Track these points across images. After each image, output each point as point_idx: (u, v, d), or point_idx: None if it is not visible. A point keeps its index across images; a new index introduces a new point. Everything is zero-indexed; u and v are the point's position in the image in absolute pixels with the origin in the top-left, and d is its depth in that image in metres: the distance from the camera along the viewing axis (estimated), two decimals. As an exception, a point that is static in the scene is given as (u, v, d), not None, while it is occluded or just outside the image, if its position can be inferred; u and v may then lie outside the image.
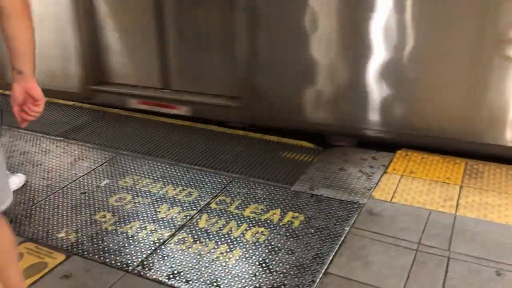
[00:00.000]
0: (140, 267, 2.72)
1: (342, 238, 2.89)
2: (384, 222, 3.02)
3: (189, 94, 4.74)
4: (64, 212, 3.28)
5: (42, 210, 3.32)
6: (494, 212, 3.07)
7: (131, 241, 2.95)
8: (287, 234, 2.95)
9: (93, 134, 4.51)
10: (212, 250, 2.84)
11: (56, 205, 3.36)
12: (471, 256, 2.70)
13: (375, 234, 2.91)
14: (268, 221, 3.08)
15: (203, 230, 3.02)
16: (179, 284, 2.57)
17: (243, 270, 2.66)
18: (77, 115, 4.99)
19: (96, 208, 3.31)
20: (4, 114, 3.49)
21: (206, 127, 4.61)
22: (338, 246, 2.83)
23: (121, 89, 5.05)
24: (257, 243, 2.88)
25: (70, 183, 3.65)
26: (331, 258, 2.73)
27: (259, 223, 3.07)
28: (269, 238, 2.92)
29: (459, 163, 3.67)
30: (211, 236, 2.96)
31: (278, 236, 2.94)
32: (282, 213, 3.17)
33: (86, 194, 3.49)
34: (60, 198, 3.45)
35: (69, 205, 3.36)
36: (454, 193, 3.30)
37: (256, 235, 2.96)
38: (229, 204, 3.29)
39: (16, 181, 3.59)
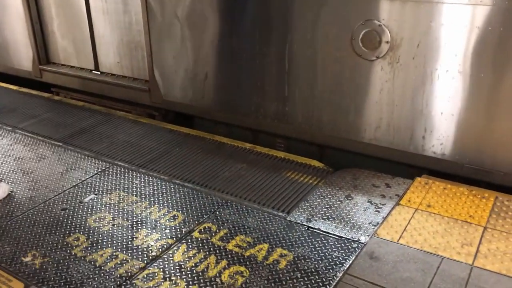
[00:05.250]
0: (96, 307, 2.43)
1: (331, 288, 2.48)
2: (384, 270, 2.58)
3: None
4: (38, 231, 3.04)
5: (16, 227, 3.09)
6: (521, 265, 2.57)
7: (97, 271, 2.67)
8: (270, 277, 2.57)
9: (93, 140, 4.28)
10: (181, 291, 2.51)
11: (32, 222, 3.13)
12: (483, 324, 2.23)
13: (371, 285, 2.48)
14: (252, 259, 2.71)
15: (177, 264, 2.69)
16: (134, 333, 2.26)
17: (209, 320, 2.32)
18: (83, 117, 4.78)
19: (72, 229, 3.05)
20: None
21: (212, 136, 4.28)
22: (324, 297, 2.43)
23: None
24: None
25: (55, 196, 3.42)
26: (312, 313, 2.33)
27: (241, 261, 2.70)
28: (248, 281, 2.55)
29: (487, 198, 3.15)
30: (183, 273, 2.62)
31: (259, 279, 2.57)
32: (270, 249, 2.79)
33: (67, 210, 3.25)
34: (39, 214, 3.22)
35: (46, 222, 3.12)
36: (475, 236, 2.80)
37: (235, 276, 2.60)
38: (213, 234, 2.95)
39: (-1, 191, 3.40)
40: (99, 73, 5.35)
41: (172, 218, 3.12)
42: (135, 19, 4.79)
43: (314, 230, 2.93)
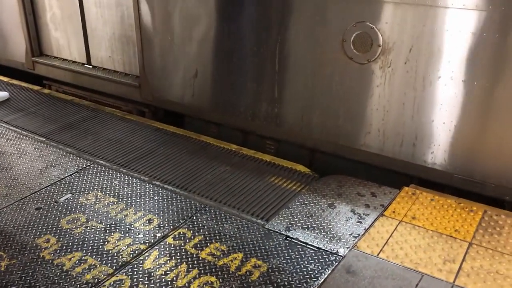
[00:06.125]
0: (57, 315, 2.34)
1: (303, 303, 2.37)
2: (360, 286, 2.46)
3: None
4: (9, 230, 2.95)
5: (-12, 225, 3.01)
6: (505, 286, 2.44)
7: (63, 276, 2.57)
8: (240, 289, 2.47)
9: (77, 136, 4.19)
10: (147, 301, 2.41)
11: (4, 221, 3.05)
12: None
13: (345, 302, 2.37)
14: (224, 269, 2.61)
15: (146, 272, 2.59)
16: None
17: (172, 334, 2.22)
18: (70, 112, 4.69)
19: (43, 230, 2.96)
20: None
21: (198, 137, 4.17)
22: (294, 313, 2.32)
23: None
24: (200, 298, 2.42)
25: (31, 194, 3.33)
26: (280, 330, 2.23)
27: (213, 270, 2.60)
28: (217, 292, 2.46)
29: (475, 211, 3.02)
30: (152, 282, 2.52)
31: (229, 290, 2.46)
32: (244, 259, 2.68)
33: (41, 210, 3.16)
34: (12, 213, 3.13)
35: (18, 222, 3.03)
36: (459, 252, 2.68)
37: (204, 286, 2.49)
38: (187, 240, 2.84)
39: (-25, 187, 3.32)
40: (90, 67, 5.25)
41: (147, 222, 3.02)
42: (127, 13, 4.68)
43: (292, 240, 2.82)
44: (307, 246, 2.77)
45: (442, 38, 3.07)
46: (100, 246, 2.80)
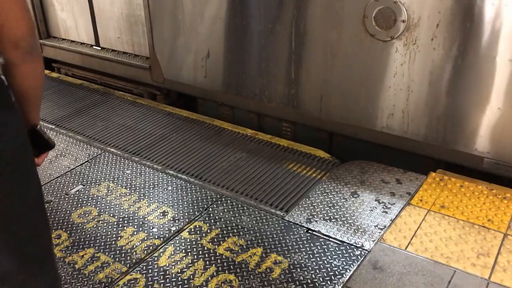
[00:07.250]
0: (70, 319, 2.23)
1: (327, 304, 2.23)
2: (388, 283, 2.31)
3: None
4: (20, 226, 2.84)
5: (-3, 220, 2.90)
6: (545, 282, 2.27)
7: (75, 275, 2.46)
8: (261, 288, 2.34)
9: (88, 122, 4.05)
10: (163, 302, 2.29)
11: (14, 216, 2.93)
12: None
13: (373, 302, 2.23)
14: (243, 266, 2.47)
15: (161, 270, 2.47)
16: None
17: (190, 338, 2.10)
18: (80, 97, 4.55)
19: (54, 225, 2.85)
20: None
21: (212, 121, 4.00)
22: (319, 315, 2.18)
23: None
24: (219, 298, 2.30)
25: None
26: (304, 334, 2.09)
27: (231, 268, 2.46)
28: (236, 291, 2.33)
29: (509, 199, 2.83)
30: (167, 281, 2.40)
31: (249, 289, 2.33)
32: (264, 255, 2.54)
33: (51, 203, 3.04)
34: (22, 207, 3.01)
35: (28, 217, 2.92)
36: (494, 245, 2.51)
37: (223, 285, 2.36)
38: (204, 234, 2.71)
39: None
40: (99, 48, 5.08)
41: (161, 214, 2.88)
42: (135, -9, 4.49)
43: (314, 233, 2.67)
44: (330, 239, 2.62)
45: (473, 12, 2.83)
46: (113, 242, 2.68)
